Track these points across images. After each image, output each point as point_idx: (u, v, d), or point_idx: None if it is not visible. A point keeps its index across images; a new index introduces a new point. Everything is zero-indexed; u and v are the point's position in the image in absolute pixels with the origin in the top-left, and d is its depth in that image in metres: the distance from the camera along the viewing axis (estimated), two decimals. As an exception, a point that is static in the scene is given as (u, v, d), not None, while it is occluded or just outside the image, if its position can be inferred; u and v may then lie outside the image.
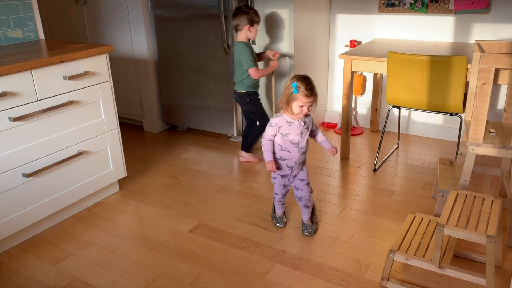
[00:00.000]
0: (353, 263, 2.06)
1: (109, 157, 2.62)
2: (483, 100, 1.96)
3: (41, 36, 2.77)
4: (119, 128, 2.65)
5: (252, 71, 2.91)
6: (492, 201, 1.89)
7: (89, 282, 2.00)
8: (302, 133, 2.13)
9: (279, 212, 2.41)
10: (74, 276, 2.04)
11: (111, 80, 2.55)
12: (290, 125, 2.10)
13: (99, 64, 2.46)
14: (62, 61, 2.25)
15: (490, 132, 2.15)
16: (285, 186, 2.28)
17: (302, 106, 2.04)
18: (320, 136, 2.26)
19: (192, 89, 3.54)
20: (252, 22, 2.88)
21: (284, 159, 2.17)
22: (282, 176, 2.23)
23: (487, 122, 2.24)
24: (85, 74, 2.37)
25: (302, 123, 2.12)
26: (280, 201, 2.35)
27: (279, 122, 2.12)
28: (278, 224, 2.38)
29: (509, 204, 2.09)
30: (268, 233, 2.33)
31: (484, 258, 1.96)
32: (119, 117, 3.88)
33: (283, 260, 2.11)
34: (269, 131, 2.14)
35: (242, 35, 2.91)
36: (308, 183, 2.26)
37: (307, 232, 2.29)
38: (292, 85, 2.02)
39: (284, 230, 2.35)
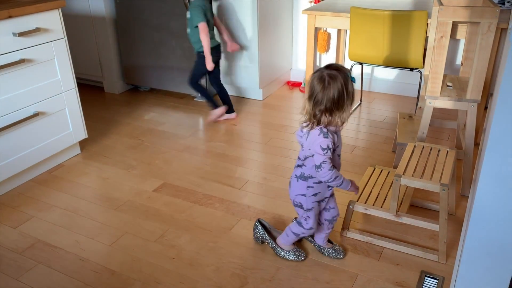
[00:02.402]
0: (315, 215, 2.12)
1: (68, 118, 2.54)
2: (441, 54, 2.00)
3: (-13, -10, 2.60)
4: (76, 88, 2.56)
5: (201, 26, 2.83)
6: (447, 152, 1.97)
7: (52, 243, 1.98)
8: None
9: (292, 242, 1.87)
10: (36, 238, 2.02)
11: (66, 38, 2.43)
12: (337, 136, 1.62)
13: (52, 20, 2.33)
14: (10, 16, 2.12)
15: (447, 85, 2.20)
16: (319, 213, 1.81)
17: None
18: None
19: (153, 48, 3.43)
20: None
21: None
22: (320, 201, 1.74)
23: (445, 76, 2.29)
24: (37, 30, 2.25)
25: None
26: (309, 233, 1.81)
27: (332, 138, 1.57)
28: (301, 258, 1.85)
29: (463, 155, 2.18)
30: (233, 190, 2.35)
31: (439, 206, 2.05)
32: (78, 78, 3.72)
33: (248, 214, 2.14)
34: (328, 160, 1.57)
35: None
36: None
37: (342, 253, 1.86)
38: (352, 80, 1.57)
39: (248, 187, 2.37)
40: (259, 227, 1.93)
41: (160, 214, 2.16)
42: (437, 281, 1.73)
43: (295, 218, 1.85)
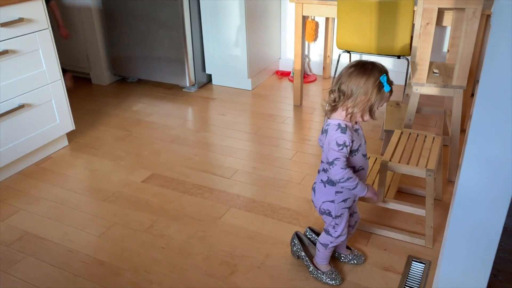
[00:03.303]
0: (304, 202, 2.13)
1: (54, 109, 2.52)
2: (427, 40, 2.01)
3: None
4: (63, 79, 2.53)
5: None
6: (433, 138, 1.98)
7: (41, 235, 1.97)
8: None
9: (328, 258, 1.70)
10: (25, 230, 2.01)
11: (50, 28, 2.40)
12: (358, 133, 1.51)
13: (35, 10, 2.30)
14: (-8, 7, 2.09)
15: (433, 72, 2.21)
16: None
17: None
18: None
19: (141, 38, 3.40)
20: None
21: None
22: (349, 207, 1.62)
23: (431, 63, 2.30)
24: (21, 21, 2.22)
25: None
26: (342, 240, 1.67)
27: (351, 135, 1.46)
28: (337, 282, 1.67)
29: (449, 141, 2.20)
30: (222, 179, 2.35)
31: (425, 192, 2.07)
32: (65, 70, 3.70)
33: (237, 203, 2.15)
34: (343, 158, 1.45)
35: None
36: None
37: (363, 258, 1.78)
38: (382, 80, 1.41)
39: (237, 176, 2.38)
40: (296, 240, 1.75)
41: (149, 204, 2.16)
42: (424, 265, 1.75)
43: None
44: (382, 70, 1.43)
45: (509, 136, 0.96)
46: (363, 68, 1.42)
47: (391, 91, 1.43)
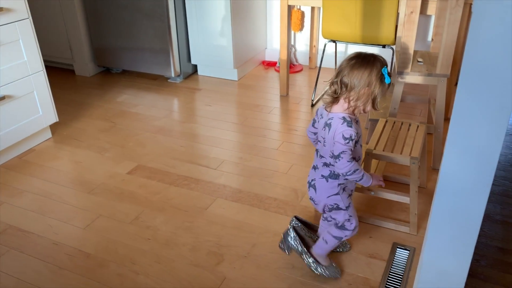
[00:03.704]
0: (290, 192, 2.14)
1: (37, 101, 2.48)
2: (411, 29, 2.01)
3: None
4: (45, 70, 2.49)
5: None
6: (418, 127, 2.00)
7: (25, 228, 1.95)
8: None
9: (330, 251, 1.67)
10: (8, 223, 1.98)
11: (31, 18, 2.35)
12: (358, 124, 1.51)
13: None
14: (-31, -4, 2.03)
15: (418, 61, 2.23)
16: None
17: None
18: None
19: (124, 28, 3.35)
20: None
21: None
22: (350, 195, 1.63)
23: (416, 52, 2.31)
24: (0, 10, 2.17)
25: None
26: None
27: (356, 128, 1.46)
28: (338, 275, 1.66)
29: (434, 129, 2.22)
30: (208, 170, 2.34)
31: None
32: (48, 61, 3.63)
33: (223, 194, 2.15)
34: (349, 151, 1.44)
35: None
36: None
37: (348, 245, 1.80)
38: (383, 71, 1.41)
39: (223, 167, 2.37)
40: (293, 233, 1.63)
41: (134, 196, 2.15)
42: (408, 252, 1.78)
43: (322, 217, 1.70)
44: (383, 62, 1.43)
45: (490, 124, 0.97)
46: (365, 60, 1.41)
47: (390, 83, 1.44)
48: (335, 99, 1.45)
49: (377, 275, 1.67)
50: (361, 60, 1.41)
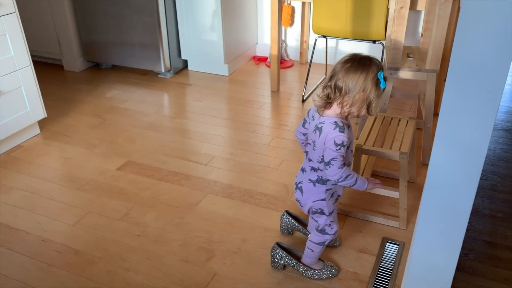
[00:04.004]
0: (281, 187, 2.14)
1: (25, 96, 2.45)
2: (401, 24, 2.02)
3: None
4: (32, 65, 2.46)
5: None
6: (407, 122, 2.01)
7: (13, 225, 1.93)
8: None
9: (320, 255, 1.66)
10: (-4, 221, 1.96)
11: (17, 12, 2.31)
12: (350, 129, 1.45)
13: (1, -7, 2.21)
14: (-46, -11, 2.00)
15: (408, 56, 2.23)
16: None
17: None
18: None
19: (114, 23, 3.32)
20: None
21: None
22: (336, 200, 1.60)
23: (406, 47, 2.32)
24: (-15, 4, 2.13)
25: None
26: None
27: (348, 133, 1.40)
28: (335, 273, 1.65)
29: (423, 125, 2.23)
30: (199, 166, 2.33)
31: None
32: (36, 56, 3.60)
33: (214, 190, 2.14)
34: (340, 157, 1.38)
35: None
36: None
37: (339, 240, 1.81)
38: (379, 76, 1.35)
39: (214, 162, 2.36)
40: (279, 249, 1.64)
41: (124, 192, 2.14)
42: (398, 246, 1.79)
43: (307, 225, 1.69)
44: (379, 66, 1.36)
45: (478, 119, 0.97)
46: (361, 64, 1.34)
47: (385, 88, 1.39)
48: (328, 103, 1.38)
49: (366, 270, 1.68)
50: (357, 64, 1.34)
